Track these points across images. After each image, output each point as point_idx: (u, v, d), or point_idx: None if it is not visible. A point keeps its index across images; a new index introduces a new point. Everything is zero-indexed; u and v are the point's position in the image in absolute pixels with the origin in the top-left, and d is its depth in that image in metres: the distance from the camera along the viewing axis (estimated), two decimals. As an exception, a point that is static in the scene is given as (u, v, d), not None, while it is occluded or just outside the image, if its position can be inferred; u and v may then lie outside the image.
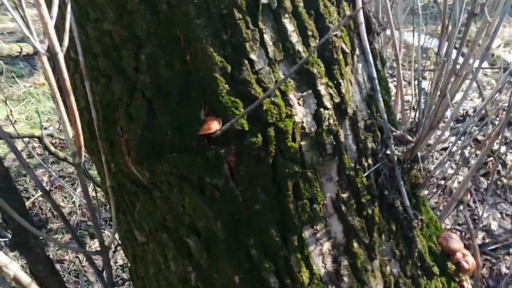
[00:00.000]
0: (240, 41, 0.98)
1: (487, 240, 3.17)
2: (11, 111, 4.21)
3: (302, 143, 1.06)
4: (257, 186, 1.05)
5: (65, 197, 3.69)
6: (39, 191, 3.73)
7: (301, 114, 1.05)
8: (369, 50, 1.20)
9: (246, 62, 0.99)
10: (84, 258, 3.22)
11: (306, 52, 1.05)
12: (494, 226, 3.31)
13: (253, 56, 0.99)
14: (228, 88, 0.99)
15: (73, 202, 3.66)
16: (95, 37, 1.02)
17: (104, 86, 1.05)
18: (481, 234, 3.28)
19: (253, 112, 0.97)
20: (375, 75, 1.21)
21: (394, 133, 1.25)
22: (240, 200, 1.06)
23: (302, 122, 1.05)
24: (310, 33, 1.06)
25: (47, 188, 3.65)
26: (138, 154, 1.04)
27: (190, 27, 0.95)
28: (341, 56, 1.11)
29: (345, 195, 1.15)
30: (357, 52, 1.19)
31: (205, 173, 1.02)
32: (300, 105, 1.05)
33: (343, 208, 1.15)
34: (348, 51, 1.13)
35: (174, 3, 0.94)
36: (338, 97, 1.10)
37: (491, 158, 3.53)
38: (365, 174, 1.19)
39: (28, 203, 3.63)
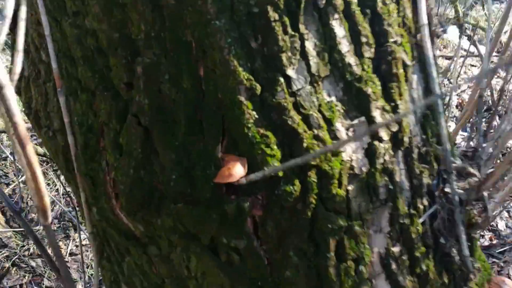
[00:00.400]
0: (274, 51, 0.71)
1: (494, 241, 2.99)
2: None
3: (349, 187, 0.80)
4: (289, 246, 0.78)
5: (48, 184, 3.43)
6: (20, 176, 3.47)
7: (350, 149, 0.78)
8: (431, 60, 0.93)
9: (282, 80, 0.72)
10: (67, 253, 2.99)
11: (358, 65, 0.78)
12: (501, 226, 3.14)
13: (290, 72, 0.73)
14: (257, 116, 0.72)
15: (57, 190, 3.39)
16: (74, 37, 0.74)
17: (85, 104, 0.77)
18: (488, 235, 3.11)
19: (289, 151, 0.70)
20: (438, 90, 0.94)
21: (454, 165, 0.99)
22: (265, 263, 0.79)
23: (351, 160, 0.79)
24: (364, 39, 0.78)
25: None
26: (130, 200, 0.76)
27: (207, 31, 0.69)
28: (401, 70, 0.84)
29: (396, 249, 0.89)
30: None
31: (221, 232, 0.75)
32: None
33: (394, 266, 0.89)
34: (409, 63, 0.86)
35: (185, -4, 0.66)
36: (396, 124, 0.83)
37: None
38: (421, 220, 0.93)
39: (8, 190, 3.37)
